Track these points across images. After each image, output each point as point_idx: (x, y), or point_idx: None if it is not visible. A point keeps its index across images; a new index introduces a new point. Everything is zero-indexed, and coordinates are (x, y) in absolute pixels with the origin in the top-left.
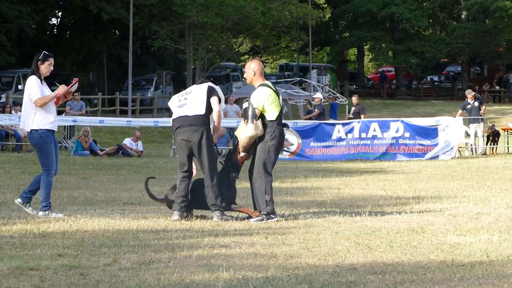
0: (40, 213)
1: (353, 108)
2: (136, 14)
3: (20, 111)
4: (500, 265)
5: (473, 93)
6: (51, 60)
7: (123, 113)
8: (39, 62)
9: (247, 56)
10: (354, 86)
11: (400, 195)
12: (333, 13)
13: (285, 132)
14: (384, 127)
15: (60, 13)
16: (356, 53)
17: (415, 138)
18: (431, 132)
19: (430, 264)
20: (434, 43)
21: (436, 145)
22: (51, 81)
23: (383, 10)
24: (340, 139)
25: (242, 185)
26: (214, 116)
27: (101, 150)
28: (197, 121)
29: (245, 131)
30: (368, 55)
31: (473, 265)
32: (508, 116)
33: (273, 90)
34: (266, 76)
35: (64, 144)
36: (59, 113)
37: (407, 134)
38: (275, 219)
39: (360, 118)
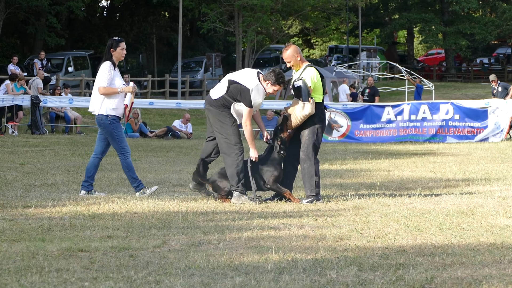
0: (137, 193)
1: (367, 90)
2: None
3: (70, 93)
4: None
5: (496, 78)
6: (123, 44)
7: (173, 95)
8: (111, 49)
9: (296, 39)
10: (404, 69)
11: (450, 177)
12: None
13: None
14: (434, 109)
15: None
16: (405, 35)
17: (465, 120)
18: (481, 114)
19: (479, 246)
20: (484, 25)
21: (486, 127)
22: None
23: None
24: (389, 121)
25: None
26: (243, 124)
27: (151, 132)
28: (213, 102)
29: (303, 110)
30: (418, 37)
31: None
32: None
33: (319, 72)
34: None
35: None
36: None
37: (456, 116)
38: (321, 200)
39: (374, 100)
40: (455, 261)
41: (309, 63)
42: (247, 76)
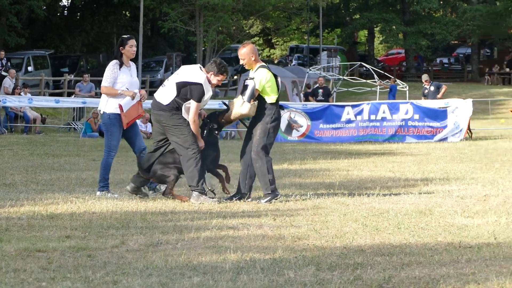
0: (98, 193)
1: (320, 91)
2: None
3: (29, 93)
4: (508, 247)
5: (428, 78)
6: (131, 41)
7: None
8: (120, 47)
9: (257, 38)
10: (364, 68)
11: (409, 177)
12: None
13: (281, 114)
14: (394, 109)
15: None
16: (366, 35)
17: (424, 120)
18: (440, 114)
19: (437, 246)
20: (445, 25)
21: (445, 127)
22: (61, 63)
23: None
24: (349, 121)
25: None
26: (190, 121)
27: None
28: (165, 107)
29: (240, 108)
30: (378, 37)
31: (480, 247)
32: None
33: (272, 73)
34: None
35: (73, 126)
36: (69, 94)
37: (416, 116)
38: (279, 195)
39: (328, 100)
40: (413, 261)
41: (263, 64)
42: (193, 73)
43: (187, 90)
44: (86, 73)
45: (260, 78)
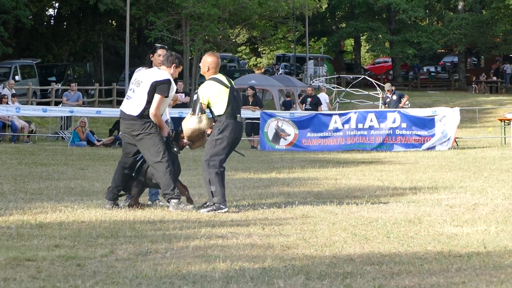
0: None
1: (309, 99)
2: (133, 5)
3: (18, 102)
4: (497, 256)
5: (392, 87)
6: (160, 51)
7: (120, 104)
8: (150, 54)
9: (244, 47)
10: (351, 77)
11: (397, 186)
12: (330, 3)
13: (238, 125)
14: (381, 117)
15: (57, 4)
16: (353, 43)
17: (412, 129)
18: (428, 123)
19: (427, 255)
20: (431, 33)
21: (433, 135)
22: (48, 72)
23: (379, 0)
24: (336, 130)
25: (238, 175)
26: (151, 115)
27: (98, 141)
28: (136, 118)
29: (188, 122)
30: (365, 46)
31: (470, 256)
32: (505, 107)
33: (223, 84)
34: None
35: (61, 135)
36: (56, 104)
37: (404, 125)
38: (225, 209)
39: (317, 109)
40: (402, 270)
41: (214, 76)
42: (155, 73)
43: (154, 92)
44: (73, 82)
45: (203, 91)
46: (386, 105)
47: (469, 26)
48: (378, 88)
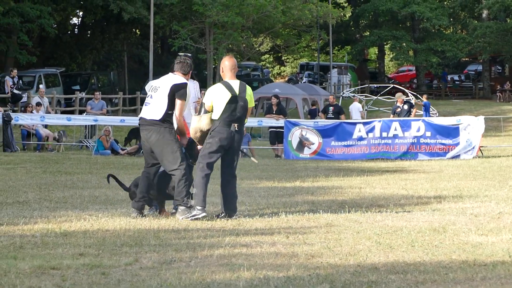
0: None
1: (331, 108)
2: (157, 14)
3: (42, 110)
4: None
5: (403, 97)
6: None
7: None
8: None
9: (267, 56)
10: (375, 86)
11: (422, 195)
12: (354, 12)
13: (230, 133)
14: (405, 126)
15: (81, 13)
16: (376, 52)
17: (436, 138)
18: (452, 131)
19: (452, 263)
20: (455, 42)
21: (457, 144)
22: (72, 80)
23: (403, 9)
24: (361, 138)
25: (262, 184)
26: (176, 120)
27: (122, 150)
28: (156, 122)
29: (191, 122)
30: (388, 54)
31: (495, 265)
32: None
33: (230, 90)
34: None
35: (85, 144)
36: (80, 112)
37: (428, 134)
38: (200, 215)
39: (339, 118)
40: (427, 279)
41: (224, 81)
42: (171, 78)
43: (174, 96)
44: (97, 90)
45: (208, 93)
46: (396, 114)
47: (494, 34)
48: (410, 95)
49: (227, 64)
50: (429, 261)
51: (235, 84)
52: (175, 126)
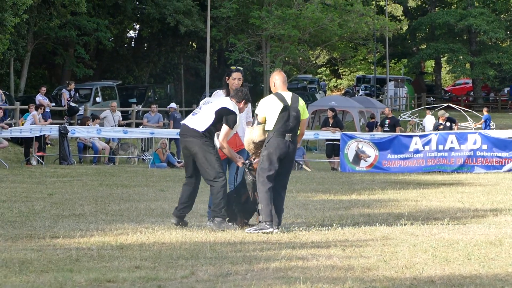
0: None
1: (387, 121)
2: (213, 27)
3: (98, 124)
4: None
5: (447, 114)
6: (235, 74)
7: None
8: (226, 77)
9: (324, 69)
10: (432, 98)
11: (478, 208)
12: (410, 25)
13: (284, 143)
14: (462, 139)
15: (137, 26)
16: (433, 65)
17: (493, 150)
18: (508, 144)
19: (508, 276)
20: None
21: None
22: (129, 93)
23: (460, 22)
24: (417, 151)
25: (319, 197)
26: (220, 147)
27: (179, 162)
28: (198, 134)
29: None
30: (445, 67)
31: None
32: None
33: (283, 101)
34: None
35: (142, 157)
36: (137, 125)
37: (484, 146)
38: (269, 230)
39: (395, 131)
40: None
41: (277, 92)
42: (226, 101)
43: (222, 117)
44: (154, 103)
45: (260, 105)
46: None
47: None
48: (465, 113)
49: (277, 78)
50: (486, 274)
51: (287, 95)
52: (216, 143)
